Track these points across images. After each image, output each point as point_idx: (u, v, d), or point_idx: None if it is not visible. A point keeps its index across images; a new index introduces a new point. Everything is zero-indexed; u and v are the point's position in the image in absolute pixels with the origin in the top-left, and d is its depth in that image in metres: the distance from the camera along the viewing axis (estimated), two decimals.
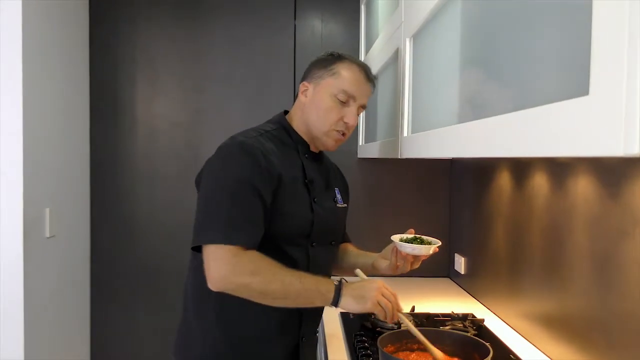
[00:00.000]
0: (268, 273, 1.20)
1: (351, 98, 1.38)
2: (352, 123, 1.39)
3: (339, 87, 1.37)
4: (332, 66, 1.40)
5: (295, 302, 1.24)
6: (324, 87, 1.39)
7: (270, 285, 1.20)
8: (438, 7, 1.19)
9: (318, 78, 1.41)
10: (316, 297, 1.23)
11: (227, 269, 1.18)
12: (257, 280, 1.19)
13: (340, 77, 1.38)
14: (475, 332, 1.66)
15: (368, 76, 1.42)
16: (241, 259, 1.19)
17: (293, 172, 1.35)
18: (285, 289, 1.20)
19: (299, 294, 1.21)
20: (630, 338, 1.16)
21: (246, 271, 1.19)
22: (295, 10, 2.60)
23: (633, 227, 1.15)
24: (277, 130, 1.41)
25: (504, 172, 1.89)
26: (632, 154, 0.47)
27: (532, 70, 0.72)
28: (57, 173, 2.22)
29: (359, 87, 1.39)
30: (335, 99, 1.37)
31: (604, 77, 0.51)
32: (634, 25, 0.46)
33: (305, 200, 1.36)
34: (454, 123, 1.05)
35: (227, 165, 1.27)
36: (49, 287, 2.16)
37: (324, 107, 1.38)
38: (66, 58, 2.31)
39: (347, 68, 1.39)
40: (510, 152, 0.73)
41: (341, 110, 1.38)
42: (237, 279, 1.19)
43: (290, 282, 1.20)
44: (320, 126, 1.39)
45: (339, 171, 1.64)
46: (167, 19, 2.58)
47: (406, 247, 1.40)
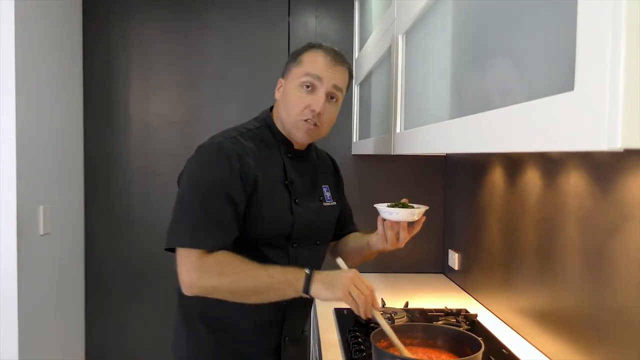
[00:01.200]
0: (235, 272, 1.20)
1: (316, 80, 1.32)
2: (318, 109, 1.31)
3: (302, 72, 1.33)
4: (299, 56, 1.36)
5: (268, 297, 1.23)
6: (291, 79, 1.36)
7: (239, 284, 1.20)
8: (430, 4, 1.19)
9: (288, 72, 1.38)
10: (286, 287, 1.21)
11: (194, 274, 1.19)
12: (226, 281, 1.19)
13: (304, 63, 1.34)
14: (468, 327, 1.67)
15: (335, 59, 1.34)
16: (206, 262, 1.19)
17: (273, 173, 1.34)
18: (254, 285, 1.20)
19: (269, 287, 1.20)
20: (621, 332, 1.17)
21: (213, 274, 1.19)
22: (290, 7, 2.60)
23: (624, 222, 1.16)
24: (260, 128, 1.39)
25: (497, 168, 1.90)
26: (615, 148, 0.47)
27: (521, 67, 0.73)
28: (50, 170, 2.22)
29: (323, 68, 1.32)
30: (300, 88, 1.32)
31: (589, 74, 0.51)
32: (617, 25, 0.47)
33: (285, 202, 1.34)
34: (446, 119, 1.05)
35: (202, 167, 1.27)
36: (43, 285, 2.15)
37: (290, 98, 1.34)
38: (59, 55, 2.30)
39: (310, 54, 1.35)
40: (500, 147, 0.73)
41: (307, 98, 1.32)
42: (204, 283, 1.20)
43: (258, 277, 1.20)
44: (288, 118, 1.35)
45: (334, 167, 1.62)
46: (162, 16, 2.57)
47: (384, 211, 1.34)
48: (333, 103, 1.36)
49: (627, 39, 0.47)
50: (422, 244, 2.56)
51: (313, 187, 1.45)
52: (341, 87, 1.36)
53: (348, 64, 1.39)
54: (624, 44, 0.47)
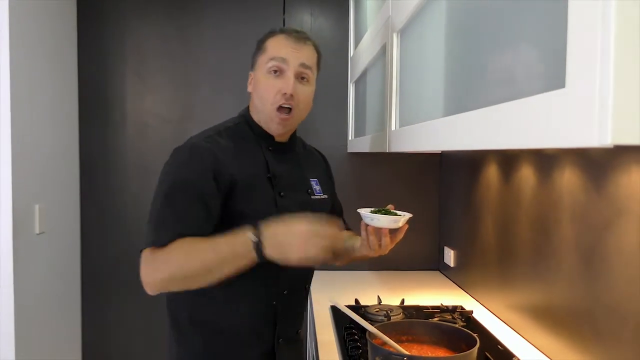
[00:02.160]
0: (182, 257, 1.15)
1: (282, 63, 1.29)
2: (289, 91, 1.28)
3: (267, 58, 1.31)
4: (263, 44, 1.35)
5: (223, 273, 1.15)
6: (258, 68, 1.34)
7: (188, 268, 1.15)
8: (423, 2, 1.20)
9: (255, 62, 1.36)
10: (239, 259, 1.14)
11: (146, 271, 1.17)
12: (174, 269, 1.15)
13: (267, 49, 1.32)
14: (463, 323, 1.68)
15: (298, 38, 1.32)
16: (156, 255, 1.16)
17: (253, 169, 1.30)
18: (204, 265, 1.14)
19: (220, 264, 1.14)
20: (616, 327, 1.18)
21: (161, 264, 1.16)
22: (285, 5, 2.60)
23: (617, 218, 1.17)
24: (239, 125, 1.37)
25: (492, 165, 1.90)
26: (605, 144, 0.48)
27: (513, 64, 0.73)
28: (46, 169, 2.22)
29: (287, 48, 1.30)
30: (268, 74, 1.30)
31: (579, 72, 0.52)
32: (606, 23, 0.48)
33: (268, 196, 1.30)
34: (440, 116, 1.06)
35: (171, 169, 1.26)
36: (39, 284, 2.15)
37: (261, 86, 1.31)
38: (54, 54, 2.30)
39: (272, 39, 1.33)
40: (493, 144, 0.74)
41: (276, 83, 1.29)
42: (157, 276, 1.16)
43: (205, 257, 1.14)
44: (263, 108, 1.32)
45: (323, 160, 1.59)
46: (157, 15, 2.57)
47: (366, 217, 1.30)
48: (305, 83, 1.33)
49: (616, 36, 0.47)
50: (417, 241, 2.57)
51: (300, 180, 1.42)
52: (310, 65, 1.33)
53: (312, 41, 1.37)
54: (613, 41, 0.47)
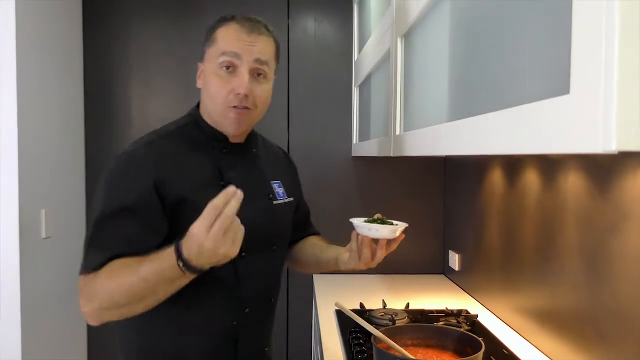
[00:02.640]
0: (109, 284, 1.03)
1: (235, 58, 1.14)
2: (243, 91, 1.14)
3: (217, 52, 1.15)
4: (212, 34, 1.19)
5: (158, 298, 1.04)
6: (207, 63, 1.19)
7: (118, 296, 1.03)
8: (427, 7, 1.20)
9: (205, 55, 1.21)
10: (171, 282, 1.01)
11: (81, 301, 1.06)
12: (104, 298, 1.04)
13: (218, 41, 1.17)
14: (468, 327, 1.68)
15: (253, 29, 1.16)
16: (87, 283, 1.06)
17: (204, 175, 1.16)
18: (138, 293, 1.02)
19: (153, 290, 1.02)
20: (620, 331, 1.18)
21: (91, 293, 1.05)
22: (289, 10, 2.61)
23: (622, 222, 1.17)
24: (187, 125, 1.23)
25: (496, 169, 1.91)
26: (609, 150, 0.48)
27: (518, 70, 0.74)
28: (52, 174, 2.23)
29: (239, 43, 1.14)
30: (219, 70, 1.15)
31: (583, 78, 0.52)
32: (610, 30, 0.48)
33: None
34: (444, 121, 1.06)
35: (105, 184, 1.12)
36: (45, 288, 2.16)
37: (211, 84, 1.17)
38: (60, 59, 2.32)
39: (223, 29, 1.17)
40: (497, 149, 0.74)
41: (229, 81, 1.15)
42: (91, 306, 1.05)
43: (134, 283, 1.01)
44: (214, 108, 1.18)
45: (286, 158, 1.46)
46: (161, 20, 2.59)
47: (363, 228, 1.19)
48: (261, 79, 1.18)
49: (620, 42, 0.47)
50: (422, 245, 2.57)
51: (259, 184, 1.28)
52: (265, 60, 1.18)
53: (269, 32, 1.21)
54: (617, 47, 0.48)
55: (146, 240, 1.07)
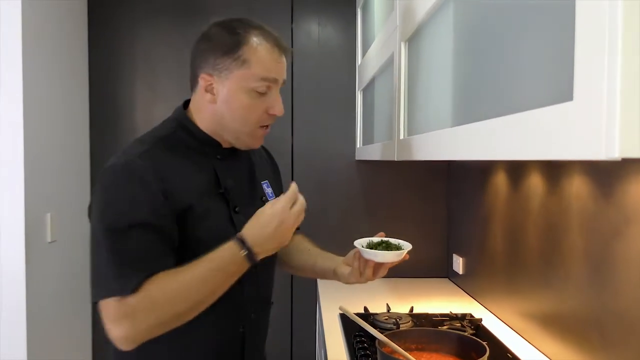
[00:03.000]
0: (166, 298, 1.01)
1: (272, 83, 1.14)
2: (280, 113, 1.16)
3: (255, 76, 1.11)
4: (238, 52, 1.11)
5: (216, 297, 1.05)
6: (235, 82, 1.12)
7: (176, 308, 1.02)
8: (431, 12, 1.21)
9: (225, 71, 1.12)
10: (233, 275, 1.04)
11: (125, 324, 1.00)
12: (163, 312, 1.01)
13: (252, 66, 1.11)
14: (473, 331, 1.68)
15: (282, 48, 1.16)
16: (130, 303, 0.99)
17: (201, 184, 1.14)
18: (196, 298, 1.03)
19: (213, 290, 1.04)
20: (625, 335, 1.18)
21: (144, 312, 1.00)
22: (293, 14, 2.62)
23: (626, 226, 1.17)
24: (176, 132, 1.17)
25: (500, 173, 1.91)
26: (612, 157, 0.49)
27: (521, 76, 0.74)
28: (58, 178, 2.24)
29: (277, 67, 1.14)
30: (252, 93, 1.12)
31: (587, 85, 0.53)
32: (613, 37, 0.48)
33: (223, 214, 1.15)
34: (448, 126, 1.07)
35: (108, 197, 1.06)
36: (50, 292, 2.17)
37: (240, 106, 1.13)
38: (66, 63, 2.33)
39: (257, 51, 1.12)
40: (501, 155, 0.75)
41: (262, 102, 1.14)
42: (141, 326, 1.01)
43: (194, 288, 1.02)
44: (240, 128, 1.15)
45: (266, 155, 1.42)
46: (166, 25, 2.60)
47: (370, 254, 1.20)
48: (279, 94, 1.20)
49: (623, 50, 0.48)
50: (426, 249, 2.57)
51: (252, 187, 1.27)
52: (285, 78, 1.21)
53: (289, 50, 1.21)
54: (621, 55, 0.48)
55: (167, 254, 1.06)
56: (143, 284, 1.00)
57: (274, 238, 1.05)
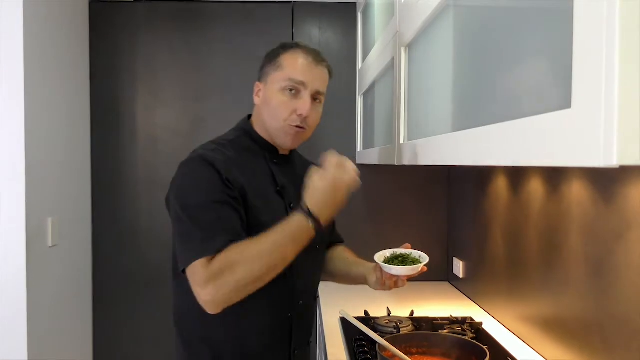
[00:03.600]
0: (243, 261, 1.12)
1: (300, 85, 1.29)
2: (305, 113, 1.29)
3: (284, 77, 1.29)
4: (277, 59, 1.32)
5: (287, 261, 1.16)
6: (271, 83, 1.32)
7: (254, 269, 1.12)
8: (432, 17, 1.21)
9: (267, 76, 1.34)
10: (299, 239, 1.15)
11: (209, 287, 1.10)
12: (240, 275, 1.11)
13: (284, 68, 1.30)
14: (473, 335, 1.68)
15: (316, 59, 1.32)
16: (213, 267, 1.11)
17: (262, 181, 1.30)
18: (270, 262, 1.13)
19: (284, 256, 1.15)
20: (626, 339, 1.18)
21: (224, 275, 1.11)
22: (293, 19, 2.63)
23: (626, 230, 1.18)
24: (240, 137, 1.36)
25: (500, 177, 1.91)
26: (610, 164, 0.49)
27: (520, 82, 0.75)
28: (59, 183, 2.25)
29: (306, 71, 1.30)
30: (284, 92, 1.29)
31: (585, 92, 0.53)
32: (610, 45, 0.49)
33: (280, 208, 1.30)
34: (448, 131, 1.07)
35: (191, 181, 1.23)
36: (51, 296, 2.18)
37: (273, 103, 1.30)
38: (67, 69, 2.34)
39: (289, 57, 1.31)
40: (500, 161, 0.75)
41: (293, 103, 1.29)
42: (223, 289, 1.11)
43: (268, 251, 1.13)
44: (273, 123, 1.31)
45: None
46: (168, 30, 2.61)
47: (385, 267, 1.31)
48: (317, 104, 1.35)
49: (621, 57, 0.48)
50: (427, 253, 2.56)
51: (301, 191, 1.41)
52: (323, 91, 1.35)
53: (327, 63, 1.36)
54: (618, 62, 0.49)
55: (241, 225, 1.19)
56: (224, 250, 1.13)
57: (334, 203, 1.17)
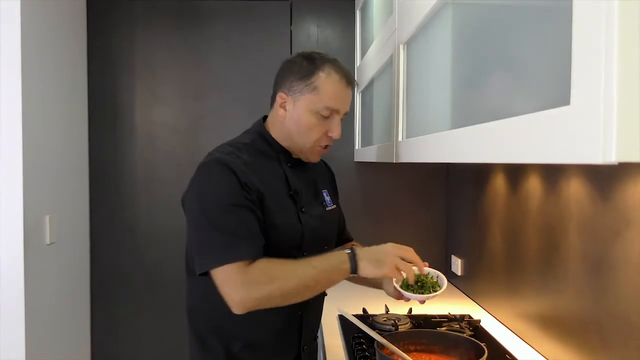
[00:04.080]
0: (280, 275, 1.18)
1: (335, 112, 1.33)
2: (338, 137, 1.35)
3: (321, 103, 1.31)
4: (311, 79, 1.31)
5: (317, 289, 1.23)
6: (304, 103, 1.32)
7: (287, 286, 1.18)
8: (430, 15, 1.21)
9: (297, 93, 1.32)
10: (334, 274, 1.22)
11: (243, 290, 1.16)
12: (274, 288, 1.17)
13: (321, 93, 1.31)
14: (471, 333, 1.68)
15: (349, 82, 1.35)
16: (250, 274, 1.16)
17: (276, 184, 1.33)
18: (303, 282, 1.19)
19: (317, 280, 1.20)
20: (624, 337, 1.18)
21: (261, 283, 1.17)
22: (292, 17, 2.63)
23: (625, 228, 1.18)
24: (255, 141, 1.37)
25: (499, 175, 1.91)
26: (609, 162, 0.49)
27: (519, 79, 0.75)
28: (56, 180, 2.24)
29: (342, 99, 1.33)
30: (317, 115, 1.32)
31: (584, 89, 0.53)
32: (609, 42, 0.49)
33: (292, 212, 1.33)
34: (447, 129, 1.07)
35: (209, 184, 1.25)
36: (49, 294, 2.17)
37: (305, 124, 1.32)
38: (65, 66, 2.33)
39: (327, 81, 1.31)
40: (499, 158, 0.75)
41: (324, 125, 1.33)
42: (255, 295, 1.17)
43: (304, 273, 1.19)
44: (303, 142, 1.35)
45: (326, 168, 1.62)
46: (166, 27, 2.60)
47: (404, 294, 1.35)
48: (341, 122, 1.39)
49: (620, 54, 0.48)
50: (425, 250, 2.55)
51: (315, 193, 1.46)
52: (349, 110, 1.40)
53: (355, 84, 1.40)
54: (617, 59, 0.48)
55: (261, 232, 1.24)
56: (260, 258, 1.19)
57: (376, 259, 1.22)
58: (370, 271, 1.21)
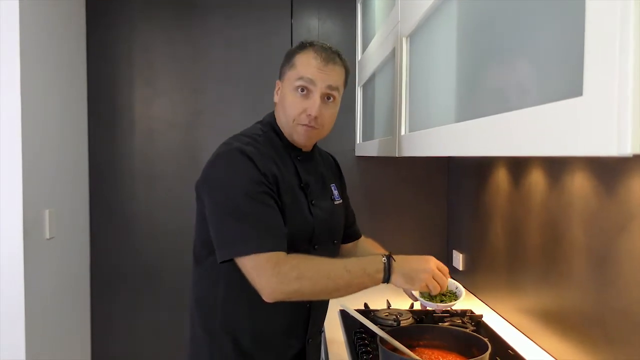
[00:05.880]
0: (313, 273, 1.19)
1: (310, 84, 1.31)
2: (314, 113, 1.31)
3: (296, 76, 1.32)
4: (292, 58, 1.35)
5: (347, 292, 1.23)
6: (286, 82, 1.35)
7: (318, 284, 1.19)
8: (434, 7, 1.20)
9: (283, 74, 1.37)
10: (366, 280, 1.22)
11: (274, 281, 1.16)
12: (305, 284, 1.18)
13: (297, 67, 1.33)
14: (473, 328, 1.68)
15: (328, 58, 1.32)
16: (283, 266, 1.17)
17: (288, 176, 1.33)
18: (334, 283, 1.19)
19: (349, 283, 1.20)
20: (627, 332, 1.17)
21: (292, 278, 1.17)
22: (292, 10, 2.61)
23: (629, 222, 1.17)
24: (268, 133, 1.38)
25: (501, 169, 1.90)
26: (624, 153, 0.48)
27: (527, 71, 0.73)
28: (56, 174, 2.23)
29: (315, 71, 1.31)
30: (296, 91, 1.32)
31: (597, 79, 0.52)
32: (625, 31, 0.47)
33: (304, 204, 1.34)
34: (451, 122, 1.06)
35: (234, 173, 1.24)
36: (49, 289, 2.16)
37: (287, 102, 1.33)
38: (64, 60, 2.31)
39: (302, 55, 1.33)
40: (507, 151, 0.74)
41: (303, 103, 1.32)
42: (286, 288, 1.17)
43: (337, 275, 1.19)
44: (287, 122, 1.34)
45: (335, 163, 1.62)
46: (165, 20, 2.58)
47: (422, 302, 1.48)
48: (330, 103, 1.35)
49: (635, 43, 0.47)
50: (426, 245, 2.57)
51: (323, 187, 1.46)
52: (337, 86, 1.35)
53: (342, 60, 1.37)
54: (632, 48, 0.47)
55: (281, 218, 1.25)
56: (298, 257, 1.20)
57: (409, 274, 1.25)
58: (400, 284, 1.24)
